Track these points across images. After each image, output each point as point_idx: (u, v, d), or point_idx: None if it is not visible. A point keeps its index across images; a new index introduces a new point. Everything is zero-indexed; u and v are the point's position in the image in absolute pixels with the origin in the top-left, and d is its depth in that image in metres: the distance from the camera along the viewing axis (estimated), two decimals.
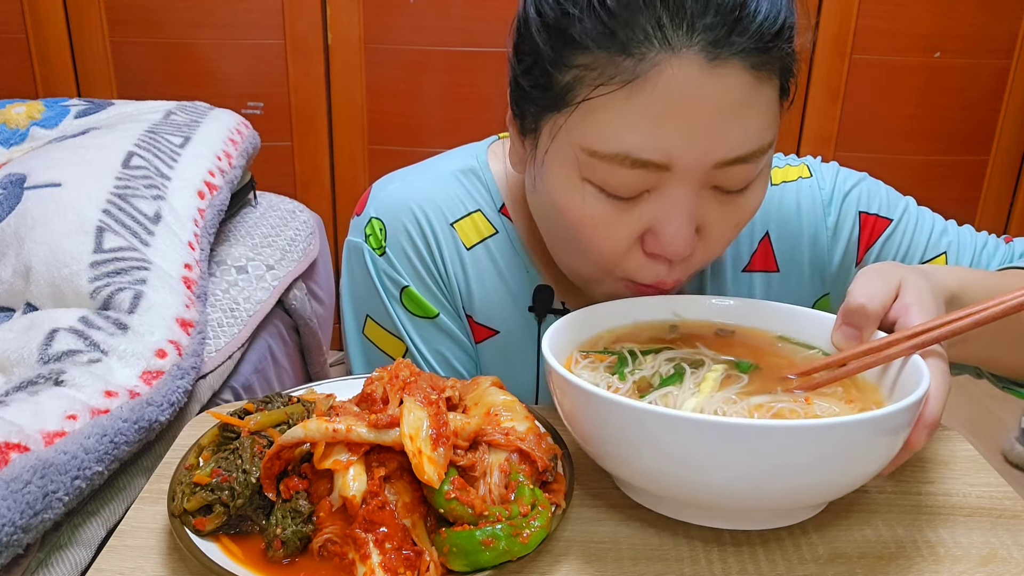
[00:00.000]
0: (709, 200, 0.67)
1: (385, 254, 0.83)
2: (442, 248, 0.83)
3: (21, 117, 1.58)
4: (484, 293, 0.85)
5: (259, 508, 0.57)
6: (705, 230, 0.69)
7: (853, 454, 0.52)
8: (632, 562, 0.57)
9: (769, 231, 0.85)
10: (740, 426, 0.50)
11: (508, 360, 0.87)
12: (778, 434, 0.50)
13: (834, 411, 0.59)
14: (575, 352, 0.68)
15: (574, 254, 0.74)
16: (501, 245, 0.84)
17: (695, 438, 0.51)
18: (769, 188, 0.85)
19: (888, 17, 2.15)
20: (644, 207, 0.67)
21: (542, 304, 0.85)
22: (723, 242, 0.71)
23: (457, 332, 0.85)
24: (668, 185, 0.65)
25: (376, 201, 0.85)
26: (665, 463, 0.54)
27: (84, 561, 0.84)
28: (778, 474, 0.52)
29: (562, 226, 0.72)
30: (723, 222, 0.69)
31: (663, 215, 0.66)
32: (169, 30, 2.21)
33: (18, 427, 0.79)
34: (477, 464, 0.58)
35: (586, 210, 0.68)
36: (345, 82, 2.26)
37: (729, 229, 0.70)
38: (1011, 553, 0.58)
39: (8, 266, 1.14)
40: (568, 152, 0.67)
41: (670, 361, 0.66)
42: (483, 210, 0.85)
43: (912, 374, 0.58)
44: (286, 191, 1.82)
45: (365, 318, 0.86)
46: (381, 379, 0.62)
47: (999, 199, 2.33)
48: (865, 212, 0.84)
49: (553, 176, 0.70)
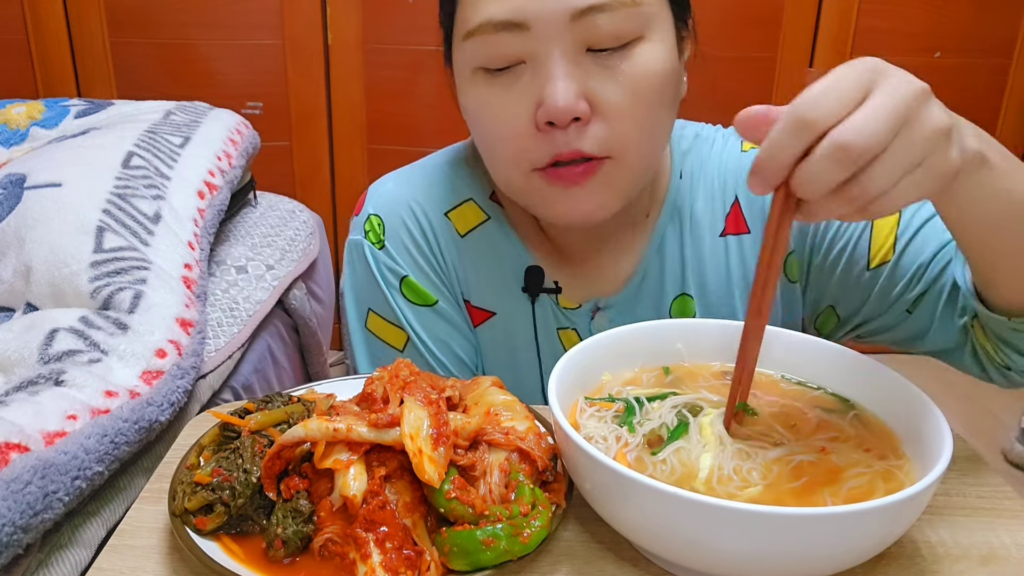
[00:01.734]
0: (589, 66, 0.71)
1: (384, 247, 0.87)
2: (438, 237, 0.88)
3: (21, 117, 1.58)
4: (480, 277, 0.89)
5: (260, 507, 0.57)
6: (597, 100, 0.71)
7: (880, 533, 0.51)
8: (632, 563, 0.57)
9: (738, 196, 0.87)
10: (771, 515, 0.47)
11: (508, 339, 0.90)
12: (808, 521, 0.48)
13: (853, 459, 0.59)
14: (580, 399, 0.66)
15: (495, 160, 0.79)
16: (493, 230, 0.88)
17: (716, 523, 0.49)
18: (739, 155, 0.88)
19: (888, 17, 2.15)
20: (525, 81, 0.72)
21: (534, 284, 0.88)
22: (621, 112, 0.72)
23: (456, 318, 0.89)
24: (537, 49, 0.70)
25: (373, 199, 0.89)
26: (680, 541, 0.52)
27: (84, 561, 0.84)
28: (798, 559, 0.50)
29: (475, 134, 0.80)
30: (613, 87, 0.71)
31: (541, 79, 0.71)
32: (169, 30, 2.21)
33: (18, 427, 0.79)
34: (477, 464, 0.58)
35: (478, 96, 0.75)
36: (344, 82, 2.26)
37: (623, 96, 0.71)
38: (1011, 553, 0.58)
39: (8, 266, 1.14)
40: (460, 54, 0.76)
41: (674, 408, 0.64)
42: (474, 198, 0.89)
43: (931, 422, 0.57)
44: (286, 191, 1.82)
45: (367, 312, 0.89)
46: (381, 379, 0.62)
47: None
48: None
49: (459, 86, 0.78)
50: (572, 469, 0.58)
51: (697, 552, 0.52)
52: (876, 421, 0.64)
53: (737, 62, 2.17)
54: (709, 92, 2.14)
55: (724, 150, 0.89)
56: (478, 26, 0.71)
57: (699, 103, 0.98)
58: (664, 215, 0.87)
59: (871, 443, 0.61)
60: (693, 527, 0.50)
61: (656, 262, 0.88)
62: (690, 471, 0.58)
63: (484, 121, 0.76)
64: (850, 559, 0.52)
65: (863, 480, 0.57)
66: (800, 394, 0.68)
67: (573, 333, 0.89)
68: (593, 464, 0.53)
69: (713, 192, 0.88)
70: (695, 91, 0.84)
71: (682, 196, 0.88)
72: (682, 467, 0.58)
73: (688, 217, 0.88)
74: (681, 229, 0.88)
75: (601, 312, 0.88)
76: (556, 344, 0.89)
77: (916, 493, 0.49)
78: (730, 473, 0.57)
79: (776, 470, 0.58)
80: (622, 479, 0.51)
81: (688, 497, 0.49)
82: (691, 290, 0.88)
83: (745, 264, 0.87)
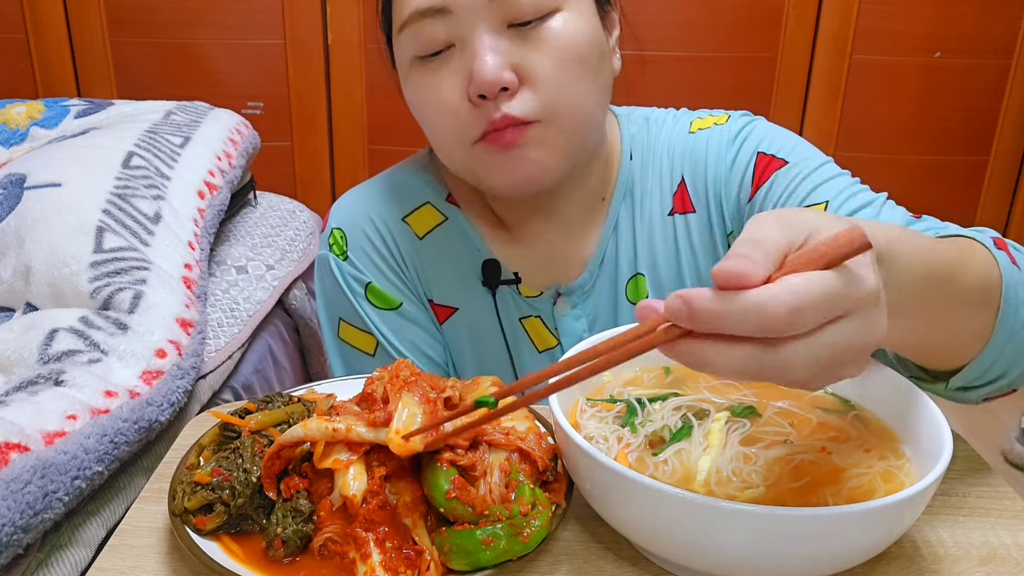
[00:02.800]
0: (513, 39, 0.75)
1: (348, 258, 0.91)
2: (397, 242, 0.91)
3: (21, 117, 1.58)
4: (440, 275, 0.92)
5: (260, 507, 0.57)
6: (525, 69, 0.75)
7: (880, 533, 0.51)
8: (632, 562, 0.57)
9: (684, 175, 0.89)
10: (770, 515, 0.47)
11: (473, 333, 0.93)
12: (808, 521, 0.48)
13: (853, 459, 0.58)
14: (581, 399, 0.66)
15: (439, 141, 0.83)
16: (451, 230, 0.92)
17: (716, 523, 0.49)
18: (685, 136, 0.90)
19: (888, 17, 2.15)
20: (455, 61, 0.77)
21: (492, 276, 0.91)
22: (547, 78, 0.76)
23: (423, 319, 0.93)
24: (462, 30, 0.76)
25: (336, 214, 0.94)
26: (680, 541, 0.52)
27: (84, 561, 0.84)
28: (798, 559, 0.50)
29: (420, 121, 0.84)
30: (540, 58, 0.76)
31: (469, 56, 0.75)
32: (169, 30, 2.21)
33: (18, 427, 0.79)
34: (477, 464, 0.58)
35: (417, 84, 0.80)
36: (345, 82, 2.26)
37: (548, 63, 0.76)
38: (1011, 553, 0.58)
39: (8, 266, 1.14)
40: (398, 49, 0.82)
41: (677, 411, 0.64)
42: (431, 201, 0.92)
43: (931, 422, 0.57)
44: (286, 191, 1.82)
45: (338, 322, 0.93)
46: (381, 379, 0.62)
47: (999, 199, 2.33)
48: (763, 152, 0.85)
49: (402, 80, 0.84)
50: (572, 469, 0.58)
51: (697, 552, 0.52)
52: (876, 421, 0.64)
53: (737, 62, 2.17)
54: (709, 92, 2.14)
55: (673, 130, 0.91)
56: (408, 17, 0.77)
57: (698, 103, 0.98)
58: (616, 196, 0.90)
59: (871, 443, 0.61)
60: (693, 527, 0.50)
61: (612, 243, 0.90)
62: (691, 472, 0.58)
63: (423, 105, 0.81)
64: (850, 559, 0.52)
65: (863, 480, 0.57)
66: (800, 394, 0.68)
67: (537, 321, 0.92)
68: (593, 464, 0.53)
69: (661, 172, 0.90)
70: (693, 91, 0.85)
71: (632, 177, 0.91)
72: (683, 468, 0.58)
73: (639, 197, 0.90)
74: (633, 209, 0.90)
75: (563, 298, 0.91)
76: (521, 333, 0.92)
77: (916, 493, 0.49)
78: (729, 475, 0.57)
79: (776, 470, 0.58)
80: (622, 479, 0.51)
81: (688, 497, 0.49)
82: (643, 269, 0.90)
83: (691, 243, 0.89)
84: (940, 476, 0.51)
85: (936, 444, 0.55)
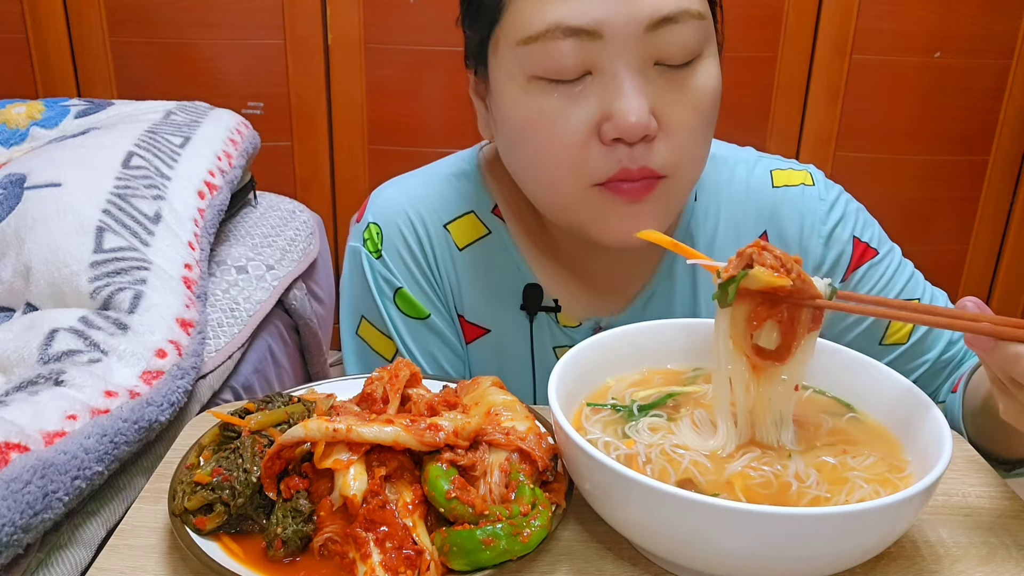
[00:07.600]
0: (655, 79, 0.69)
1: (381, 257, 0.86)
2: (435, 249, 0.86)
3: (21, 117, 1.58)
4: (476, 293, 0.87)
5: (260, 507, 0.57)
6: (661, 114, 0.69)
7: (880, 533, 0.51)
8: (632, 562, 0.57)
9: (767, 230, 0.86)
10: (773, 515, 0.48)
11: (501, 358, 0.89)
12: (808, 521, 0.48)
13: (853, 460, 0.59)
14: (584, 406, 0.66)
15: (542, 174, 0.75)
16: (493, 245, 0.86)
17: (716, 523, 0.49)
18: (769, 190, 0.86)
19: (888, 17, 2.15)
20: (591, 92, 0.69)
21: (533, 302, 0.86)
22: (684, 130, 0.71)
23: (447, 333, 0.88)
24: (607, 59, 0.68)
25: (374, 207, 0.88)
26: (679, 541, 0.52)
27: (84, 561, 0.84)
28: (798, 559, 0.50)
29: (523, 145, 0.74)
30: (678, 105, 0.70)
31: (611, 92, 0.68)
32: (169, 30, 2.21)
33: (18, 427, 0.79)
34: (477, 464, 0.58)
35: (535, 106, 0.70)
36: (345, 82, 2.26)
37: (687, 114, 0.70)
38: (1011, 553, 0.58)
39: (8, 266, 1.14)
40: (510, 60, 0.71)
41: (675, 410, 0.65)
42: (476, 211, 0.87)
43: (931, 422, 0.57)
44: (286, 191, 1.82)
45: (360, 318, 0.89)
46: (381, 379, 0.62)
47: (999, 199, 2.33)
48: (858, 238, 0.86)
49: (503, 92, 0.73)
50: (572, 469, 0.58)
51: (697, 552, 0.52)
52: (876, 422, 0.64)
53: (737, 62, 2.17)
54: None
55: (751, 178, 0.87)
56: (544, 31, 0.68)
57: None
58: (676, 236, 0.85)
59: (871, 444, 0.61)
60: (693, 527, 0.50)
61: (666, 284, 0.87)
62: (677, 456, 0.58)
63: (541, 131, 0.72)
64: (850, 559, 0.52)
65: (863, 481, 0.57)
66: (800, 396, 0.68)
67: None
68: (593, 464, 0.53)
69: (736, 219, 0.86)
70: None
71: (697, 219, 0.87)
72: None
73: (701, 241, 0.86)
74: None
75: (602, 332, 0.87)
76: (552, 362, 0.88)
77: (916, 493, 0.49)
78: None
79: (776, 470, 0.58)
80: (622, 479, 0.51)
81: (688, 497, 0.49)
82: (703, 315, 0.86)
83: None
84: (940, 476, 0.51)
85: (936, 443, 0.55)
